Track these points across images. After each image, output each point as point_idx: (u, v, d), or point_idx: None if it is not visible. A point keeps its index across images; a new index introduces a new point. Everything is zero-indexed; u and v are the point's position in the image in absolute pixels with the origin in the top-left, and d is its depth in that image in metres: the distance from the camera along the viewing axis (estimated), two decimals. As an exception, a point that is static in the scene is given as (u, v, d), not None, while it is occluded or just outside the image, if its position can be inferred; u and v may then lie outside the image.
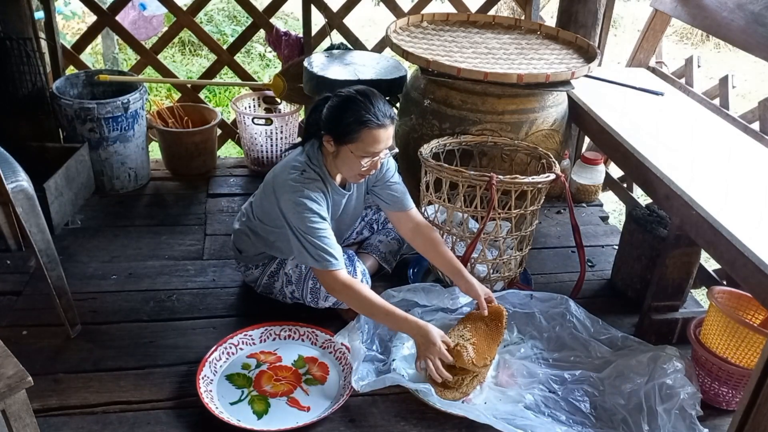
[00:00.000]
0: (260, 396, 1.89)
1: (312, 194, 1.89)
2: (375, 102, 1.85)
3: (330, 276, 1.88)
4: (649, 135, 2.32)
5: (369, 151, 1.86)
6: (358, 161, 1.87)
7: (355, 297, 1.89)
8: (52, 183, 2.49)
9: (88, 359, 1.99)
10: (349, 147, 1.86)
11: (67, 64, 3.14)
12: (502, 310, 2.05)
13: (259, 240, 2.12)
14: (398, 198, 2.12)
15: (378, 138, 1.85)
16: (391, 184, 2.11)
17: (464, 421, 1.80)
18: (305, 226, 1.86)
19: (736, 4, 2.48)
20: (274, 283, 2.16)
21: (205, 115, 3.17)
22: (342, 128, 1.85)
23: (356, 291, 1.89)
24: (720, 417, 1.93)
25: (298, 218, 1.87)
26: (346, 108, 1.85)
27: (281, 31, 3.18)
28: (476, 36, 2.81)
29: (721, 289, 2.05)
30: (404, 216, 2.14)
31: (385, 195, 2.12)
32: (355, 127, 1.83)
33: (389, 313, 1.88)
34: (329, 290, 1.94)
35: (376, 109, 1.83)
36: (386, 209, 2.18)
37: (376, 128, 1.83)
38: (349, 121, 1.83)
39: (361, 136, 1.83)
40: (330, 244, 1.88)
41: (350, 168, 1.92)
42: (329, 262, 1.86)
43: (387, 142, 1.89)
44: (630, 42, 3.38)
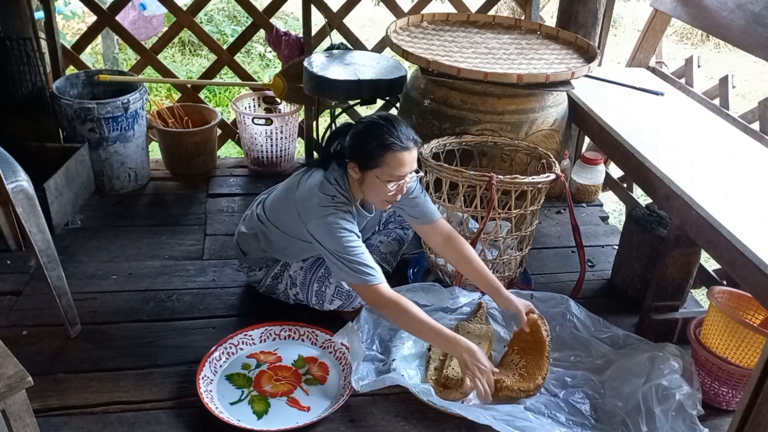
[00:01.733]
0: (260, 396, 1.89)
1: (345, 217, 1.88)
2: (398, 126, 1.85)
3: (373, 290, 1.86)
4: (649, 135, 2.32)
5: (394, 174, 1.85)
6: (384, 186, 1.87)
7: (403, 313, 1.86)
8: (52, 183, 2.49)
9: (88, 359, 1.99)
10: (374, 172, 1.86)
11: (67, 64, 3.14)
12: (536, 320, 2.05)
13: (270, 245, 2.11)
14: (423, 211, 2.09)
15: (403, 161, 1.84)
16: (415, 197, 2.08)
17: (464, 422, 1.80)
18: (341, 247, 1.85)
19: (736, 4, 2.48)
20: (277, 285, 2.16)
21: (205, 115, 3.17)
22: (366, 153, 1.85)
23: (404, 307, 1.86)
24: (720, 417, 1.93)
25: (333, 240, 1.85)
26: (370, 133, 1.85)
27: (281, 31, 3.18)
28: (476, 36, 2.81)
29: (721, 289, 2.05)
30: (431, 228, 2.12)
31: (409, 209, 2.10)
32: (379, 151, 1.83)
33: (436, 331, 1.86)
34: (374, 305, 1.92)
35: (399, 133, 1.84)
36: (413, 223, 2.16)
37: (400, 151, 1.83)
38: (372, 146, 1.84)
39: (386, 160, 1.83)
40: (367, 260, 1.86)
41: (377, 194, 1.91)
42: (371, 276, 1.85)
43: (412, 165, 1.88)
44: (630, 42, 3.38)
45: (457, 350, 1.85)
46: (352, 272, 1.85)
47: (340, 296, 2.08)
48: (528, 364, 1.98)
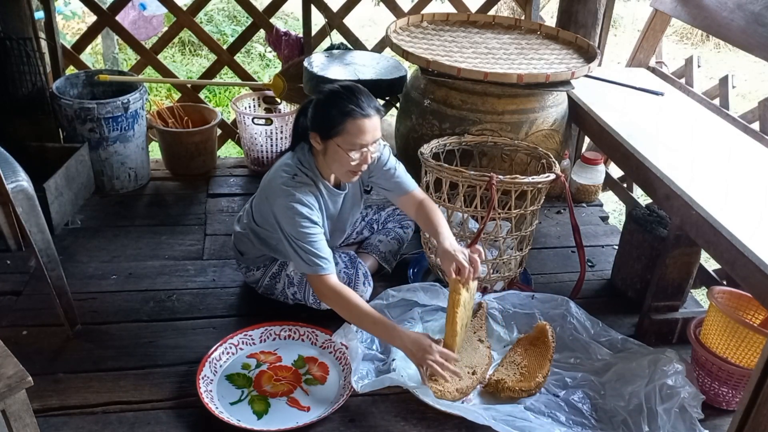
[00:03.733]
0: (260, 396, 1.89)
1: (304, 198, 1.88)
2: (358, 94, 1.84)
3: (319, 280, 1.88)
4: (649, 135, 2.32)
5: (356, 142, 1.83)
6: (346, 156, 1.85)
7: (344, 303, 1.88)
8: (52, 183, 2.49)
9: (88, 359, 1.99)
10: (335, 141, 1.84)
11: (67, 64, 3.14)
12: (545, 326, 2.07)
13: (261, 243, 2.12)
14: (398, 183, 2.09)
15: (363, 128, 1.82)
16: (388, 170, 2.07)
17: (464, 422, 1.80)
18: (296, 231, 1.86)
19: (736, 4, 2.48)
20: (275, 285, 2.16)
21: (205, 115, 3.17)
22: (327, 122, 1.84)
23: (346, 297, 1.87)
24: (720, 417, 1.93)
25: (290, 223, 1.87)
26: (330, 102, 1.84)
27: (281, 31, 3.18)
28: (476, 36, 2.81)
29: (721, 289, 2.05)
30: (408, 198, 2.11)
31: (383, 182, 2.10)
32: (339, 119, 1.82)
33: (377, 322, 1.86)
34: (319, 296, 1.93)
35: (359, 101, 1.82)
36: (390, 196, 2.16)
37: (360, 118, 1.82)
38: (333, 114, 1.82)
39: (346, 128, 1.82)
40: (320, 249, 1.87)
41: (340, 165, 1.89)
42: (319, 266, 1.86)
43: (374, 134, 1.86)
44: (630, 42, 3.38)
45: (401, 342, 1.85)
46: (306, 263, 1.86)
47: None
48: (529, 363, 1.99)
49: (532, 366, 1.98)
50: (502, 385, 1.90)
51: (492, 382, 1.93)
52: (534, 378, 1.92)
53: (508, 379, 1.92)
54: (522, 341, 2.10)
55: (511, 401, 1.90)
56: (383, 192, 2.15)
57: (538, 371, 1.95)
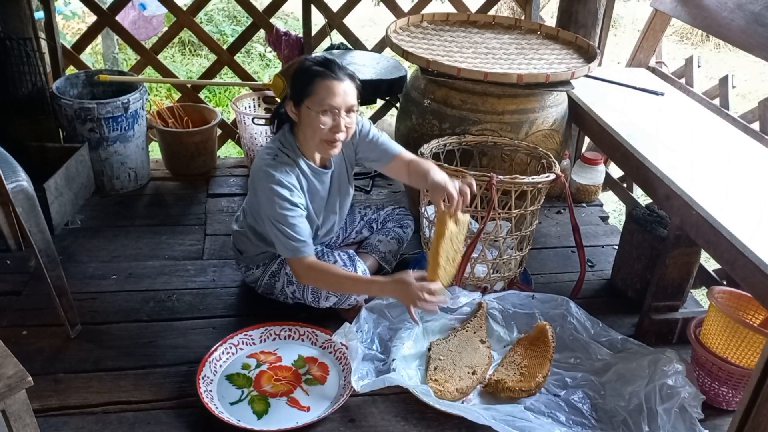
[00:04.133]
0: (260, 396, 1.89)
1: (284, 179, 1.90)
2: (330, 61, 1.89)
3: (296, 262, 1.92)
4: (649, 135, 2.32)
5: (325, 103, 1.84)
6: (318, 119, 1.86)
7: (320, 275, 1.91)
8: (52, 183, 2.49)
9: (88, 359, 1.99)
10: (306, 104, 1.87)
11: (67, 64, 3.14)
12: (545, 326, 2.08)
13: (258, 239, 2.13)
14: (384, 149, 2.10)
15: (332, 89, 1.84)
16: (371, 139, 2.09)
17: (464, 422, 1.80)
18: (277, 213, 1.89)
19: (736, 4, 2.48)
20: (275, 283, 2.16)
21: (205, 115, 3.17)
22: (298, 86, 1.88)
23: (320, 269, 1.91)
24: (720, 417, 1.93)
25: (271, 205, 1.90)
26: (302, 68, 1.90)
27: (281, 31, 3.18)
28: (476, 36, 2.81)
29: (721, 289, 2.05)
30: (397, 162, 2.11)
31: (370, 154, 2.12)
32: (309, 79, 1.85)
33: (358, 280, 1.92)
34: (297, 278, 1.98)
35: (330, 65, 1.87)
36: (379, 167, 2.16)
37: (329, 79, 1.84)
38: (304, 78, 1.87)
39: (315, 88, 1.84)
40: (299, 232, 1.90)
41: (313, 131, 1.89)
42: (297, 249, 1.89)
43: (345, 98, 1.86)
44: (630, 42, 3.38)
45: (384, 290, 1.89)
46: (284, 247, 1.90)
47: (335, 293, 2.08)
48: (529, 363, 1.99)
49: (532, 366, 1.98)
50: (502, 385, 1.90)
51: (492, 382, 1.93)
52: (534, 378, 1.92)
53: (508, 379, 1.92)
54: (522, 341, 2.10)
55: (511, 401, 1.90)
56: (374, 165, 2.17)
57: (538, 371, 1.95)
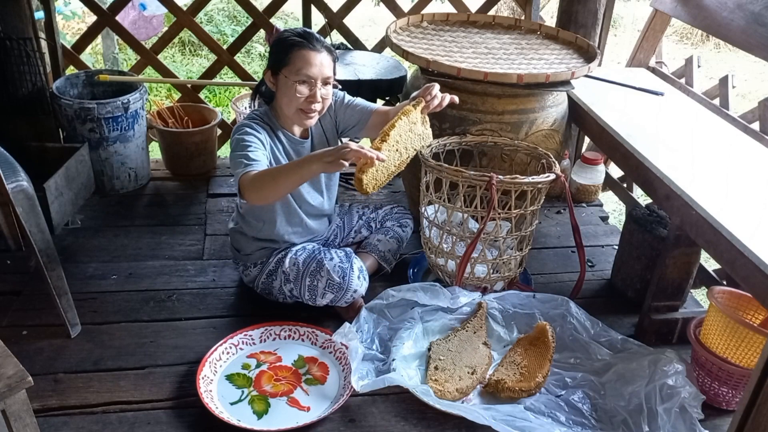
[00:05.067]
0: (260, 396, 1.89)
1: (252, 125, 1.95)
2: (308, 33, 1.94)
3: (242, 178, 1.84)
4: (649, 135, 2.32)
5: (302, 73, 1.89)
6: (294, 88, 1.91)
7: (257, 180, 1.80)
8: (52, 183, 2.49)
9: (88, 359, 1.99)
10: (283, 72, 1.92)
11: (67, 64, 3.14)
12: (545, 326, 2.08)
13: (249, 228, 2.15)
14: (360, 108, 2.15)
15: (309, 59, 1.89)
16: (347, 104, 2.15)
17: (464, 422, 1.80)
18: (237, 146, 1.90)
19: (736, 4, 2.48)
20: (272, 282, 2.16)
21: (205, 115, 3.17)
22: (276, 56, 1.93)
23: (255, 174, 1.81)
24: (720, 417, 1.93)
25: (234, 142, 1.92)
26: (281, 39, 1.95)
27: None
28: (476, 36, 2.81)
29: (721, 289, 2.05)
30: (375, 118, 2.13)
31: (350, 119, 2.16)
32: (287, 49, 1.91)
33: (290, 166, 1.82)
34: (243, 196, 1.85)
35: (307, 35, 1.93)
36: (361, 130, 2.19)
37: (307, 49, 1.90)
38: (282, 48, 1.92)
39: (292, 58, 1.90)
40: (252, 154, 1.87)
41: (289, 99, 1.94)
42: (246, 165, 1.85)
43: (321, 69, 1.92)
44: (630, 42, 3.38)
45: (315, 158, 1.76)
46: (236, 168, 1.87)
47: (331, 289, 2.08)
48: (529, 363, 1.99)
49: (532, 366, 1.98)
50: (502, 385, 1.90)
51: (492, 382, 1.93)
52: (534, 378, 1.92)
53: (508, 379, 1.92)
54: (522, 341, 2.10)
55: (511, 401, 1.90)
56: (355, 131, 2.20)
57: (538, 371, 1.95)
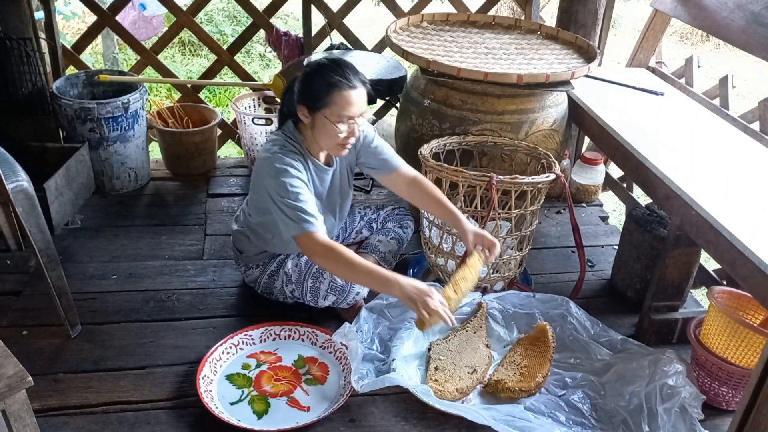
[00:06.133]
0: (260, 396, 1.89)
1: (292, 161, 1.89)
2: (344, 66, 1.87)
3: (307, 237, 1.83)
4: (649, 135, 2.32)
5: (342, 114, 1.85)
6: (334, 128, 1.86)
7: (335, 259, 1.80)
8: (52, 183, 2.49)
9: (88, 359, 1.99)
10: (322, 113, 1.86)
11: (67, 64, 3.14)
12: (545, 326, 2.08)
13: (257, 238, 2.13)
14: (384, 159, 2.11)
15: (350, 99, 1.84)
16: (374, 148, 2.09)
17: (464, 422, 1.80)
18: (284, 191, 1.85)
19: (736, 4, 2.48)
20: (274, 283, 2.16)
21: (205, 115, 3.17)
22: (313, 94, 1.85)
23: (337, 252, 1.80)
24: (720, 417, 1.93)
25: (278, 184, 1.86)
26: (316, 74, 1.86)
27: (281, 31, 3.18)
28: (476, 36, 2.81)
29: (721, 289, 2.05)
30: (396, 176, 2.12)
31: (371, 161, 2.12)
32: (326, 90, 1.83)
33: (372, 272, 1.79)
34: (309, 254, 1.87)
35: (345, 73, 1.84)
36: (377, 175, 2.17)
37: (347, 89, 1.83)
38: (319, 86, 1.84)
39: (333, 99, 1.83)
40: (309, 207, 1.85)
41: (328, 137, 1.90)
42: (308, 223, 1.83)
43: (360, 106, 1.87)
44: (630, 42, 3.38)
45: (400, 289, 1.75)
46: (293, 221, 1.83)
47: (333, 291, 2.08)
48: (529, 363, 1.99)
49: (532, 366, 1.98)
50: (502, 385, 1.90)
51: (492, 382, 1.93)
52: (534, 378, 1.92)
53: (508, 379, 1.92)
54: (522, 341, 2.10)
55: (511, 401, 1.90)
56: (372, 172, 2.17)
57: (538, 371, 1.95)
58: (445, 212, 2.06)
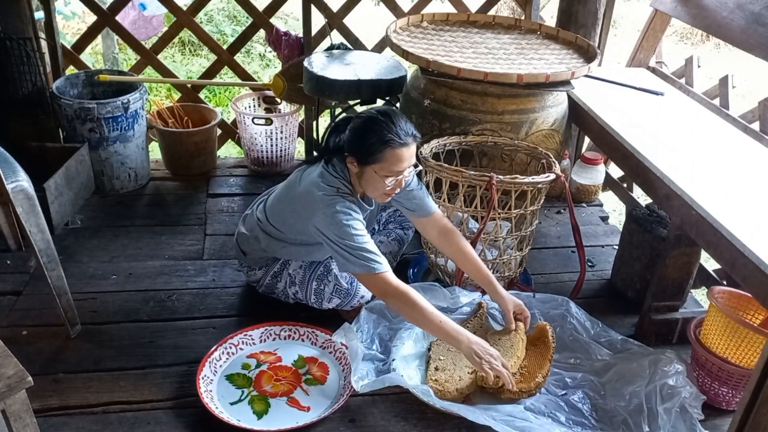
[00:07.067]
0: (260, 396, 1.89)
1: (352, 206, 1.88)
2: (397, 121, 1.85)
3: (379, 279, 1.83)
4: (649, 135, 2.32)
5: (393, 170, 1.85)
6: (382, 181, 1.87)
7: (410, 304, 1.82)
8: (52, 183, 2.49)
9: (88, 359, 1.99)
10: (373, 168, 1.85)
11: (67, 64, 3.14)
12: (545, 326, 2.07)
13: (270, 245, 2.10)
14: (420, 204, 2.10)
15: (401, 157, 1.84)
16: (412, 191, 2.08)
17: (464, 422, 1.80)
18: (346, 234, 1.83)
19: (736, 4, 2.48)
20: (277, 284, 2.16)
21: (205, 115, 3.17)
22: (365, 149, 1.85)
23: (411, 298, 1.82)
24: (720, 417, 1.93)
25: (338, 228, 1.83)
26: (369, 129, 1.84)
27: (281, 31, 3.18)
28: (476, 36, 2.81)
29: (721, 289, 2.05)
30: (428, 221, 2.12)
31: (406, 203, 2.10)
32: (378, 147, 1.82)
33: (442, 325, 1.83)
34: (381, 295, 1.87)
35: (398, 128, 1.83)
36: (410, 216, 2.16)
37: (398, 147, 1.82)
38: (371, 142, 1.83)
39: (385, 156, 1.83)
40: (373, 248, 1.85)
41: (375, 188, 1.91)
42: (375, 262, 1.82)
43: (410, 161, 1.87)
44: (630, 42, 3.38)
45: (465, 344, 1.82)
46: (358, 260, 1.82)
47: (338, 294, 2.08)
48: (530, 364, 1.99)
49: (532, 366, 1.98)
50: (502, 386, 1.89)
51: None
52: (534, 378, 1.92)
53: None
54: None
55: (511, 401, 1.89)
56: (405, 212, 2.17)
57: (538, 371, 1.95)
58: (479, 275, 2.08)
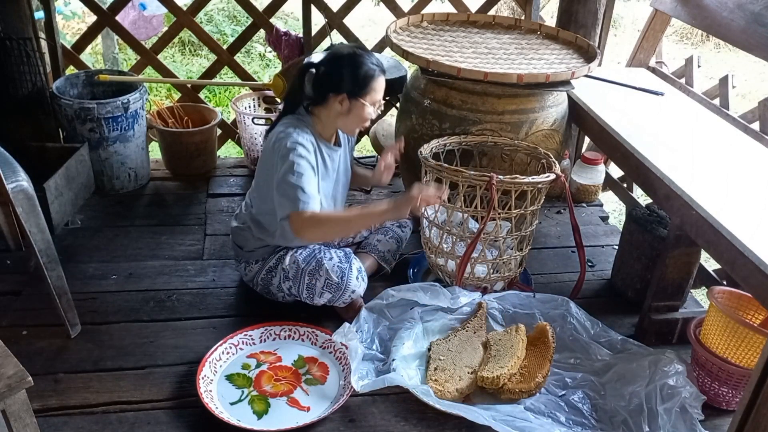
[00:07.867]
0: (260, 396, 1.89)
1: (304, 142, 1.96)
2: (370, 54, 2.04)
3: (296, 216, 1.91)
4: (649, 135, 2.32)
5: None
6: (366, 110, 2.02)
7: (325, 221, 1.96)
8: (52, 183, 2.49)
9: (88, 359, 1.99)
10: (363, 99, 2.01)
11: (67, 64, 3.14)
12: (545, 326, 2.07)
13: (259, 230, 2.13)
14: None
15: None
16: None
17: (464, 422, 1.80)
18: (289, 169, 1.92)
19: (736, 4, 2.48)
20: (272, 279, 2.16)
21: (205, 115, 3.17)
22: (360, 81, 1.99)
23: (323, 215, 1.96)
24: (720, 417, 1.93)
25: (285, 161, 1.93)
26: (357, 63, 1.99)
27: (281, 31, 3.18)
28: (476, 36, 2.81)
29: (721, 289, 2.05)
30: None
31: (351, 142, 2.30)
32: (370, 77, 1.99)
33: (362, 214, 1.99)
34: (298, 231, 1.92)
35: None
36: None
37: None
38: (363, 75, 1.98)
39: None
40: (308, 188, 1.92)
41: (360, 120, 2.05)
42: (303, 202, 1.90)
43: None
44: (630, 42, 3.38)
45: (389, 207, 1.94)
46: (287, 199, 1.91)
47: (329, 289, 2.08)
48: (529, 364, 1.99)
49: (532, 366, 1.98)
50: (502, 386, 1.89)
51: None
52: (534, 378, 1.92)
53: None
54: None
55: (511, 401, 1.89)
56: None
57: (538, 371, 1.95)
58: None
